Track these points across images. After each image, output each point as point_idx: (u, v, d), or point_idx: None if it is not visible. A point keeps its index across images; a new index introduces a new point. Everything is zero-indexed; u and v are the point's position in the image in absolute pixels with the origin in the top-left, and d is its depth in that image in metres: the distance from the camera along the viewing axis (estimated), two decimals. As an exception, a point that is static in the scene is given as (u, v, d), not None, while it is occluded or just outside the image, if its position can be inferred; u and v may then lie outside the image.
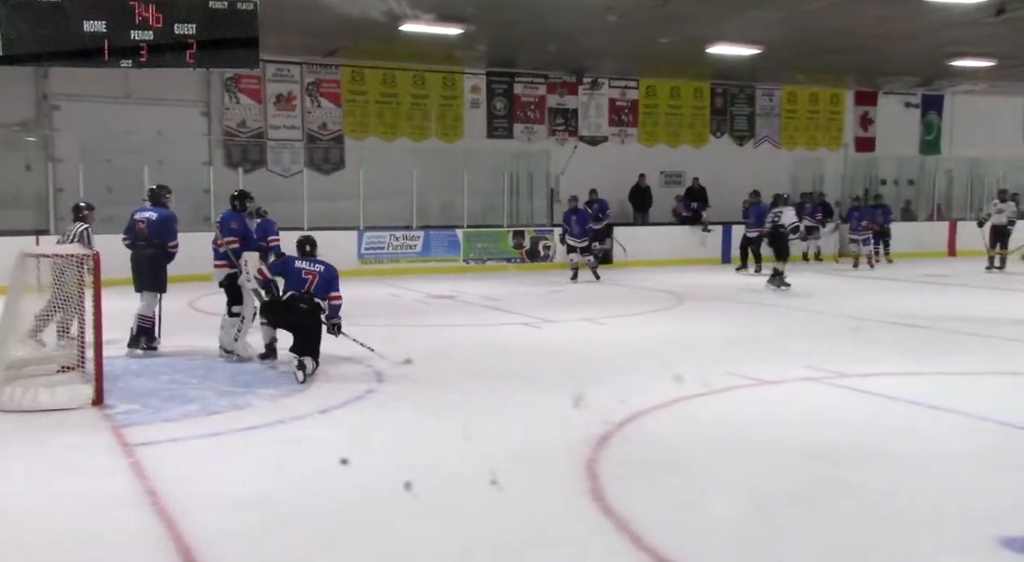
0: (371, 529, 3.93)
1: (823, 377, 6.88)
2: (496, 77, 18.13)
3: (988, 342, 8.60)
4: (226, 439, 5.31)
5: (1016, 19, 13.06)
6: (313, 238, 7.34)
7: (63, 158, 14.52)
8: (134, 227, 8.03)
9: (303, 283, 6.99)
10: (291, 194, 15.02)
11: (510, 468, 4.69)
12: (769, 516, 4.08)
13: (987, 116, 21.54)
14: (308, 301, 6.97)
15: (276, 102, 16.44)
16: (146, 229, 7.95)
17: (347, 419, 5.82)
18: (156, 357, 7.73)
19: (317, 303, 7.01)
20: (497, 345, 8.66)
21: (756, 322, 10.25)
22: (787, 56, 16.40)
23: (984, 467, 4.77)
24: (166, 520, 3.95)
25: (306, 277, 7.00)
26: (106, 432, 5.41)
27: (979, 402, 6.08)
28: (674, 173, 19.53)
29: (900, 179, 21.13)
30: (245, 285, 7.50)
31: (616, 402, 5.89)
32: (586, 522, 3.98)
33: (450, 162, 16.54)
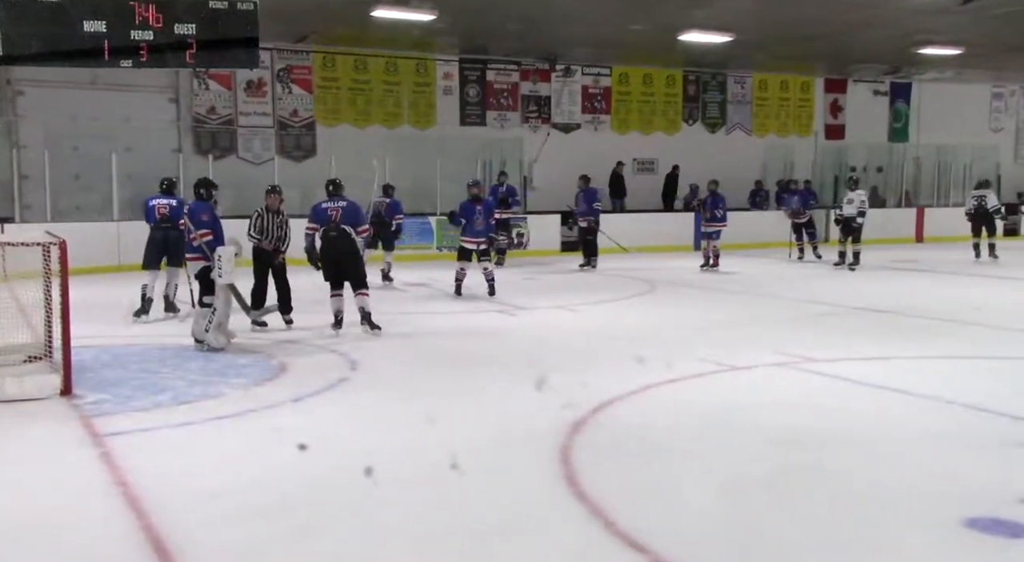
0: (344, 517, 3.92)
1: (793, 362, 6.96)
2: (469, 64, 18.06)
3: (954, 327, 8.74)
4: (198, 428, 5.27)
5: (982, 7, 13.24)
6: (338, 179, 8.65)
7: (28, 144, 14.27)
8: (155, 212, 9.35)
9: (328, 218, 8.24)
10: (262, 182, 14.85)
11: (484, 455, 4.71)
12: (740, 500, 4.13)
13: (954, 104, 21.85)
14: (336, 229, 8.18)
15: (246, 88, 16.26)
16: (168, 214, 9.26)
17: (320, 408, 5.80)
18: (126, 347, 7.66)
19: (346, 229, 8.19)
20: (471, 333, 8.67)
21: (727, 308, 10.34)
22: (758, 43, 16.49)
23: (950, 450, 4.86)
24: (137, 510, 3.91)
25: (331, 213, 8.27)
26: (75, 422, 5.35)
27: (945, 386, 6.19)
28: (647, 160, 19.60)
29: (869, 166, 21.36)
30: (217, 280, 7.42)
31: (589, 389, 5.92)
32: (560, 508, 4.00)
33: (423, 149, 16.45)
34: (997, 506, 3.93)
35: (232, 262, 7.40)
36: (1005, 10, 13.35)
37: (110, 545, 3.63)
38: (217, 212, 8.04)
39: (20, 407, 5.67)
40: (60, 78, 14.15)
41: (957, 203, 21.41)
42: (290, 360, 7.06)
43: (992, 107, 23.38)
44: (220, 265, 7.35)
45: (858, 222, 13.82)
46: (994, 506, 3.93)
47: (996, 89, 23.19)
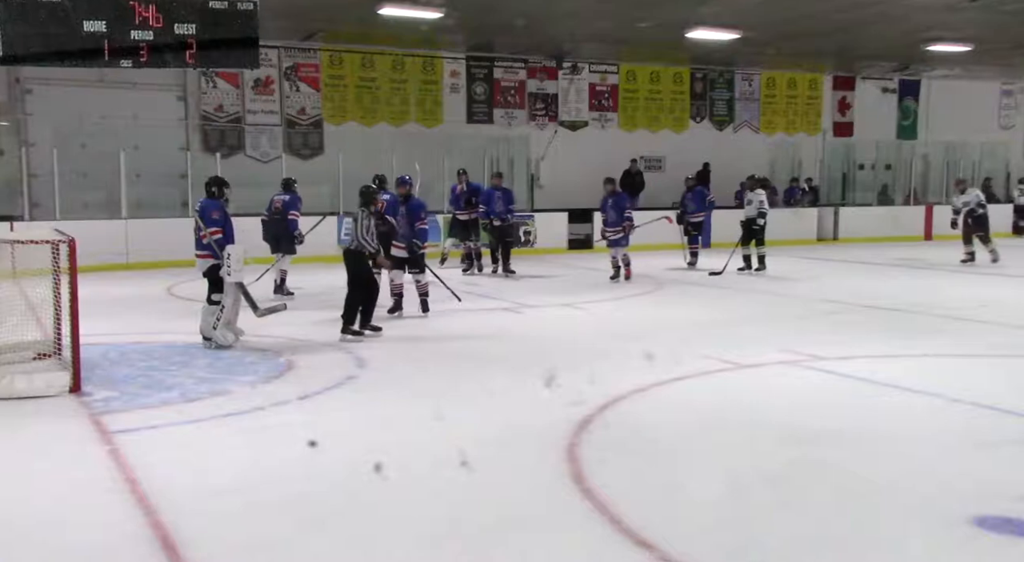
0: (351, 513, 3.94)
1: (800, 360, 6.95)
2: (476, 61, 18.05)
3: (961, 324, 8.70)
4: (205, 425, 5.29)
5: (992, 4, 13.17)
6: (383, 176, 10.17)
7: (36, 143, 14.33)
8: (272, 204, 10.68)
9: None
10: (269, 179, 14.87)
11: (491, 452, 4.72)
12: (746, 497, 4.13)
13: (963, 101, 21.73)
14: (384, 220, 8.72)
15: (254, 86, 16.29)
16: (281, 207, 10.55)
17: (327, 405, 5.81)
18: (134, 344, 7.69)
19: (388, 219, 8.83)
20: (478, 330, 8.67)
21: (734, 306, 10.32)
22: (766, 40, 16.43)
23: (957, 447, 4.85)
24: (145, 507, 3.94)
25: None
26: (84, 419, 5.38)
27: (952, 383, 6.17)
28: (654, 158, 19.56)
29: (877, 164, 21.28)
30: (226, 278, 7.44)
31: (596, 386, 5.91)
32: (566, 505, 4.00)
33: (430, 147, 16.45)
34: (1005, 504, 3.92)
35: (241, 261, 7.43)
36: (1015, 6, 13.28)
37: (118, 541, 3.65)
38: (228, 210, 8.04)
39: (29, 404, 5.70)
40: (68, 76, 14.19)
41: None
42: (297, 358, 7.08)
43: (1001, 104, 23.25)
44: (229, 263, 7.37)
45: (759, 224, 12.92)
46: (1002, 504, 3.92)
47: (1006, 86, 23.06)
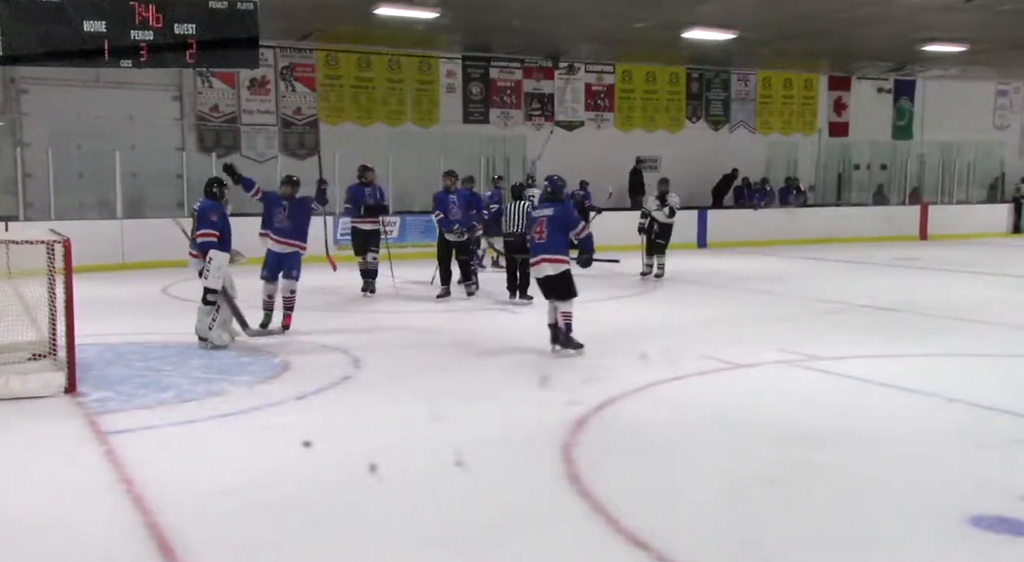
0: (347, 514, 3.93)
1: (797, 360, 6.95)
2: (472, 62, 18.04)
3: (958, 324, 8.71)
4: (201, 426, 5.27)
5: (988, 4, 13.19)
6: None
7: (31, 143, 14.27)
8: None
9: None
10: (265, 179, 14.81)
11: (487, 452, 4.71)
12: (744, 497, 4.12)
13: (958, 101, 21.77)
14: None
15: (250, 86, 16.26)
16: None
17: (323, 405, 5.80)
18: (129, 345, 7.66)
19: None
20: (475, 330, 8.66)
21: (730, 306, 10.32)
22: (762, 41, 16.45)
23: (954, 447, 4.85)
24: (141, 508, 3.92)
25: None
26: (79, 420, 5.36)
27: (949, 383, 6.17)
28: (650, 158, 19.55)
29: (873, 164, 21.33)
30: (203, 281, 7.38)
31: (593, 386, 5.91)
32: (562, 505, 4.00)
33: (426, 147, 16.44)
34: (1002, 504, 3.93)
35: (221, 269, 7.34)
36: (1011, 7, 13.30)
37: (114, 542, 3.64)
38: (227, 212, 7.97)
39: (24, 405, 5.67)
40: (64, 76, 14.15)
41: (961, 200, 21.43)
42: (293, 358, 7.06)
43: (997, 104, 23.31)
44: (208, 268, 7.32)
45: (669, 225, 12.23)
46: (999, 504, 3.93)
47: (1001, 86, 23.12)
